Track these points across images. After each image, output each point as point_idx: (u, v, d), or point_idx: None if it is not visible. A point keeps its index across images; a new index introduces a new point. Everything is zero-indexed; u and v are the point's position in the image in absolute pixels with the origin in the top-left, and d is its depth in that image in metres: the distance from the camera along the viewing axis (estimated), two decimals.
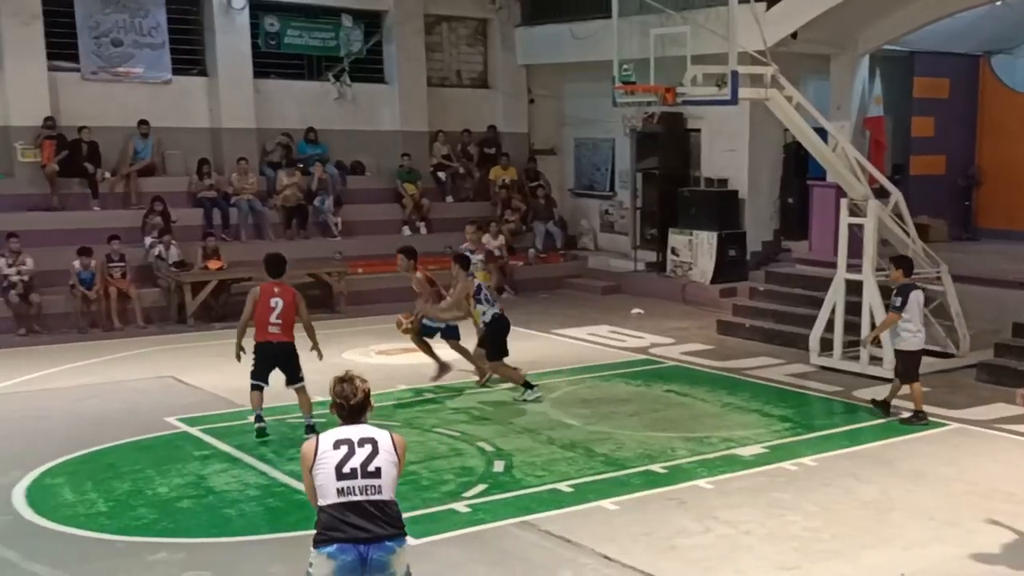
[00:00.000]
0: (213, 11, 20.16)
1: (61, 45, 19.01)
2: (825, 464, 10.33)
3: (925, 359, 12.77)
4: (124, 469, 10.03)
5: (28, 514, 8.89)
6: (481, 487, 9.64)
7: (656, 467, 10.24)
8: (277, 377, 10.94)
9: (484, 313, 12.70)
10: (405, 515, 8.24)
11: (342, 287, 18.50)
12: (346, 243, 19.90)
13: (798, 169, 19.73)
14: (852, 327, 14.05)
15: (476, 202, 22.37)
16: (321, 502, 5.54)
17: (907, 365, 12.06)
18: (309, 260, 18.87)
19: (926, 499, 9.37)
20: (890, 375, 12.80)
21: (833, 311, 14.15)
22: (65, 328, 16.16)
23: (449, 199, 22.30)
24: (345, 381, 5.75)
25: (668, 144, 21.05)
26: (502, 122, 23.66)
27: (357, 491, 5.52)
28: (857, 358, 13.83)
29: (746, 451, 10.71)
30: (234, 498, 9.29)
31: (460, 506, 9.14)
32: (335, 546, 5.47)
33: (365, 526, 5.48)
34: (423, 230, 21.17)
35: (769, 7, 16.93)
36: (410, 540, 5.94)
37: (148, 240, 17.69)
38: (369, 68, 22.41)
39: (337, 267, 18.83)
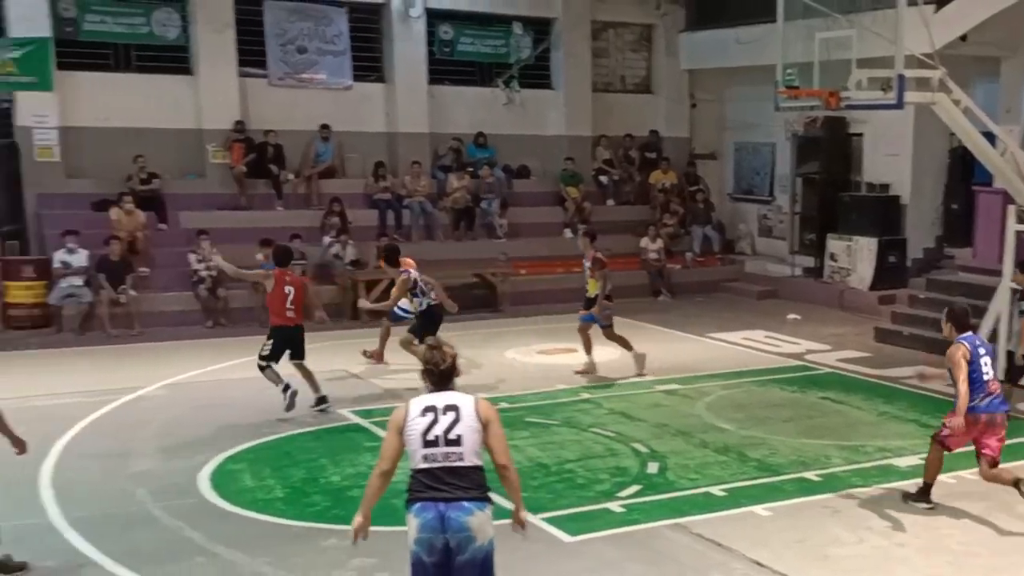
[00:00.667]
0: (392, 20, 20.64)
1: (251, 52, 19.69)
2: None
3: None
4: (300, 458, 10.31)
5: (212, 497, 9.22)
6: (635, 488, 9.63)
7: (810, 474, 10.04)
8: None
9: (421, 304, 13.01)
10: (561, 512, 8.94)
11: (506, 287, 18.71)
12: (511, 244, 20.05)
13: (963, 174, 19.04)
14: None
15: (636, 205, 22.35)
16: (411, 465, 5.71)
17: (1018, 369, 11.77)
18: (475, 260, 19.21)
19: None
20: None
21: (997, 321, 13.47)
22: (248, 321, 16.57)
23: (610, 202, 22.31)
24: (435, 348, 5.91)
25: (829, 148, 20.65)
26: (663, 127, 23.59)
27: (440, 457, 5.65)
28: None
29: (902, 462, 10.38)
30: (400, 489, 9.25)
31: (615, 505, 9.13)
32: (418, 504, 5.65)
33: (444, 488, 5.61)
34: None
35: (938, 9, 16.43)
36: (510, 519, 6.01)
37: (326, 239, 18.15)
38: (537, 74, 22.62)
39: (502, 268, 19.02)
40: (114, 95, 18.64)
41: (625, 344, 13.94)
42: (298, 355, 11.99)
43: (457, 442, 5.64)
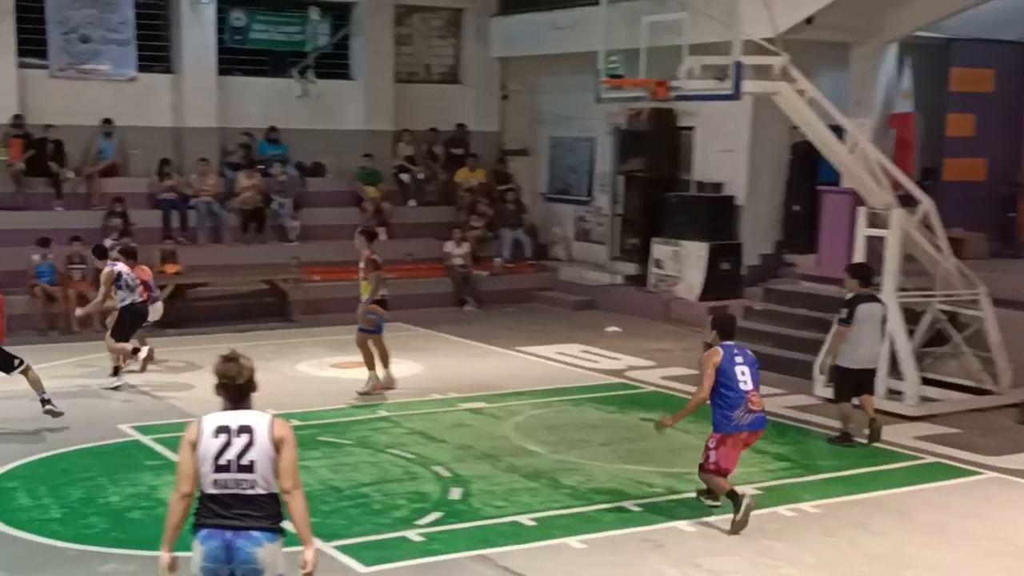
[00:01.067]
0: (181, 5, 20.78)
1: (31, 41, 19.81)
2: (828, 511, 9.81)
3: (955, 395, 12.69)
4: (78, 476, 10.48)
5: None
6: (436, 515, 9.59)
7: (630, 504, 9.91)
8: None
9: (123, 300, 13.61)
10: (354, 540, 8.84)
11: (298, 295, 18.90)
12: (303, 248, 20.26)
13: (807, 172, 18.58)
14: None
15: (440, 206, 22.50)
16: (201, 487, 5.70)
17: (838, 382, 12.01)
18: (265, 265, 19.49)
19: (946, 557, 8.79)
20: (912, 411, 12.53)
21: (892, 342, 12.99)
22: (25, 330, 16.66)
23: (412, 203, 22.49)
24: (230, 360, 5.78)
25: (655, 144, 20.28)
26: (472, 120, 23.65)
27: (231, 484, 5.64)
28: None
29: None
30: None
31: (413, 534, 9.09)
32: (205, 531, 5.67)
33: (233, 517, 5.63)
34: (383, 235, 20.75)
35: None
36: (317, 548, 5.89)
37: (108, 242, 17.97)
38: (334, 63, 22.83)
39: (293, 273, 19.18)
40: None
41: (371, 362, 13.76)
42: (7, 369, 12.00)
43: (250, 468, 5.63)
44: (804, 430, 12.73)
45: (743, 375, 9.32)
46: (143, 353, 13.90)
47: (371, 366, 13.88)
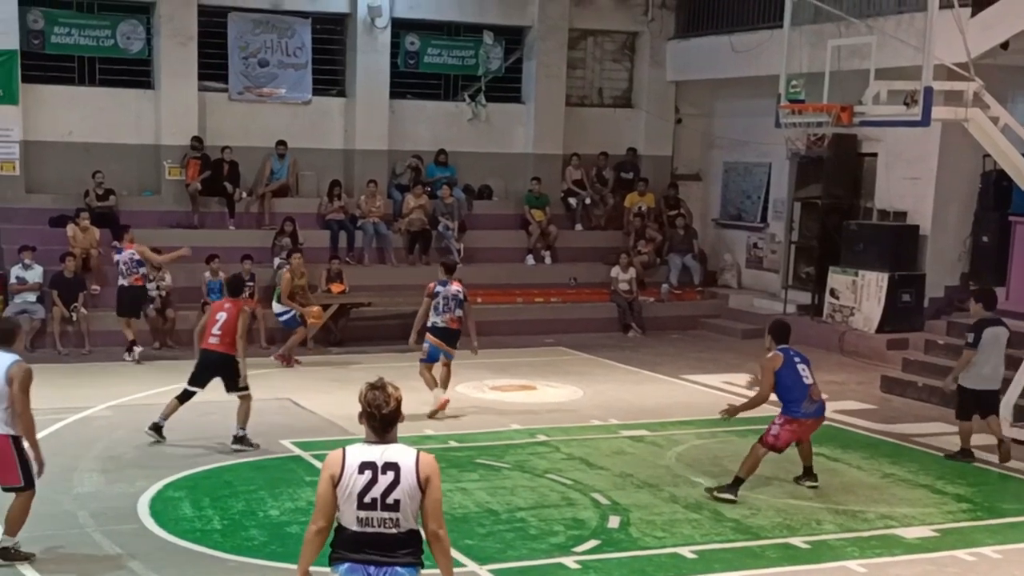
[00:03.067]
0: (356, 30, 21.27)
1: (212, 66, 20.66)
2: (1011, 557, 9.49)
3: None
4: (240, 488, 10.84)
5: (151, 524, 9.80)
6: (593, 543, 9.54)
7: (797, 540, 9.73)
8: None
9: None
10: (509, 564, 8.97)
11: None
12: (467, 270, 19.82)
13: (997, 202, 17.86)
14: None
15: (607, 231, 22.54)
16: (342, 520, 5.66)
17: (960, 401, 12.32)
18: None
19: None
20: None
21: None
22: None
23: (578, 227, 22.53)
24: (378, 388, 5.64)
25: (835, 170, 19.87)
26: (643, 144, 23.67)
27: (375, 522, 5.59)
28: None
29: (909, 532, 9.96)
30: None
31: (569, 561, 9.06)
32: (346, 565, 5.65)
33: (376, 553, 5.61)
34: (547, 259, 21.56)
35: (975, 13, 15.73)
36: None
37: (277, 261, 18.96)
38: (506, 87, 23.10)
39: None
40: (77, 109, 19.92)
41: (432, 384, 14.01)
42: (231, 386, 12.46)
43: (395, 507, 5.57)
44: (987, 471, 12.34)
45: (804, 371, 10.81)
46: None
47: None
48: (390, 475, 5.58)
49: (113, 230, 18.90)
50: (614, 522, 10.13)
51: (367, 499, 5.58)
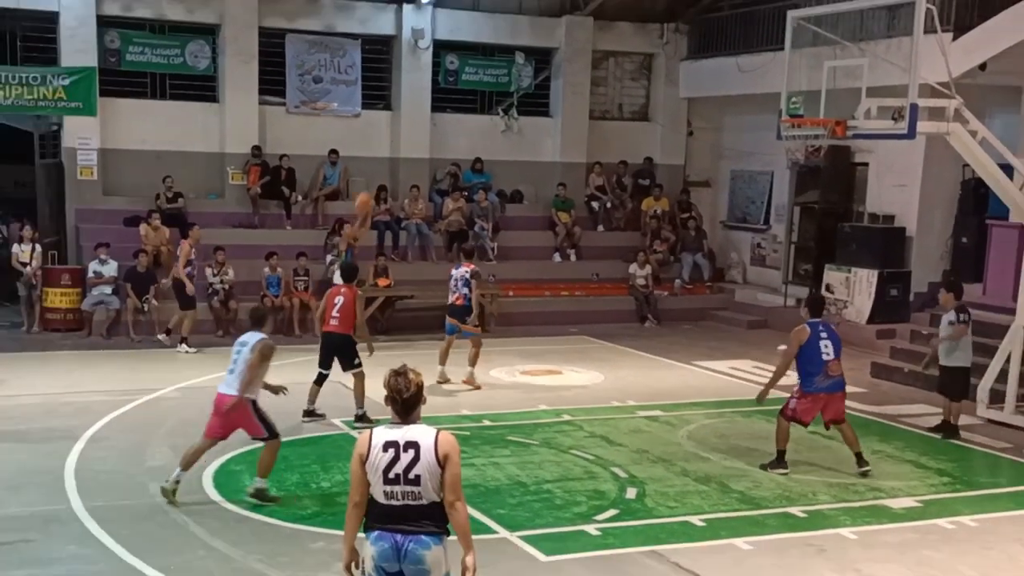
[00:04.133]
0: (402, 51, 21.36)
1: (271, 82, 20.73)
2: (987, 526, 9.48)
3: None
4: (295, 462, 10.78)
5: (214, 495, 9.85)
6: (612, 512, 9.60)
7: (795, 510, 9.75)
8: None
9: None
10: (537, 531, 9.00)
11: (493, 308, 19.07)
12: (500, 267, 20.52)
13: (976, 207, 18.02)
14: None
15: (626, 231, 22.59)
16: (372, 493, 5.65)
17: (964, 380, 12.52)
18: None
19: None
20: None
21: (1008, 361, 13.01)
22: None
23: (600, 228, 22.62)
24: (400, 374, 5.64)
25: (831, 178, 20.09)
26: (659, 154, 23.74)
27: (399, 495, 5.59)
28: None
29: (896, 503, 9.99)
30: None
31: (591, 528, 9.12)
32: (376, 533, 5.65)
33: (403, 522, 5.60)
34: (573, 257, 21.71)
35: (956, 37, 15.97)
36: (450, 539, 5.77)
37: (329, 258, 18.89)
38: (535, 102, 23.15)
39: (490, 289, 19.09)
40: (149, 121, 19.98)
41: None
42: (348, 365, 12.44)
43: (416, 482, 5.56)
44: (966, 448, 12.36)
45: (826, 347, 10.58)
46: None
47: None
48: (411, 453, 5.57)
49: (181, 229, 18.86)
50: (631, 493, 10.20)
51: (391, 475, 5.58)
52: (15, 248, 18.10)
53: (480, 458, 11.07)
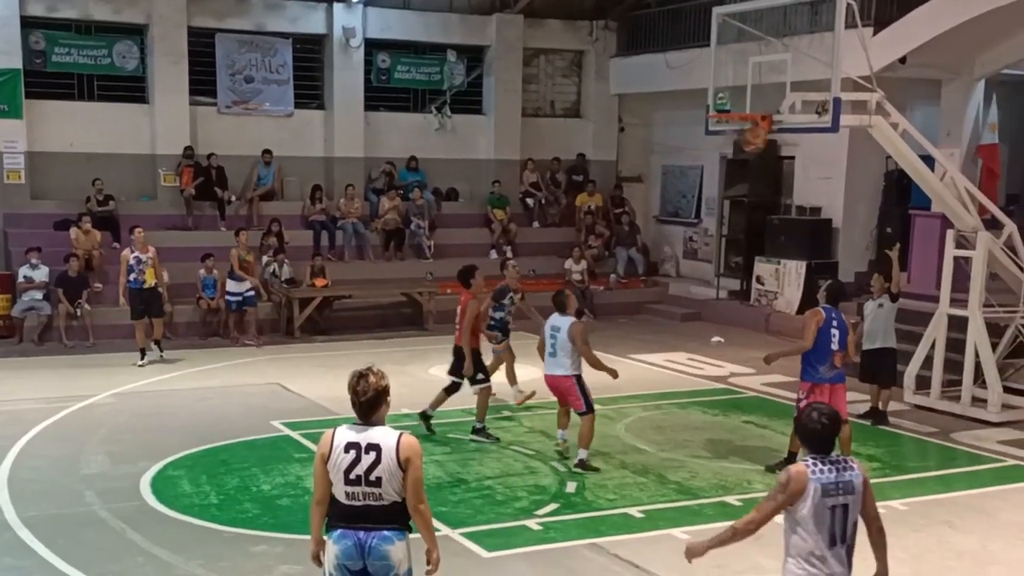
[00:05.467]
0: (333, 50, 21.17)
1: (201, 82, 20.41)
2: (917, 509, 9.63)
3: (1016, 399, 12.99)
4: (234, 466, 10.69)
5: (152, 501, 9.66)
6: (553, 506, 9.64)
7: (731, 499, 9.83)
8: None
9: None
10: (479, 528, 9.01)
11: (431, 306, 18.94)
12: (437, 265, 20.30)
13: (899, 198, 18.25)
14: (953, 365, 13.14)
15: (561, 227, 22.58)
16: (334, 492, 5.63)
17: (892, 363, 12.72)
18: (403, 280, 19.81)
19: None
20: (995, 417, 12.56)
21: (933, 347, 13.25)
22: (191, 335, 17.47)
23: (535, 224, 22.65)
24: (362, 376, 5.59)
25: (759, 172, 20.20)
26: (591, 150, 23.77)
27: (360, 496, 5.56)
28: (957, 398, 12.95)
29: None
30: None
31: (532, 523, 9.18)
32: (338, 532, 5.63)
33: (365, 520, 5.58)
34: (509, 253, 21.30)
35: (876, 31, 16.15)
36: (412, 537, 5.78)
37: (264, 258, 18.76)
38: (468, 100, 23.06)
39: (428, 287, 19.29)
40: (77, 123, 19.54)
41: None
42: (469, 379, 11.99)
43: (377, 483, 5.53)
44: (894, 433, 12.53)
45: (835, 337, 10.24)
46: None
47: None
48: (372, 455, 5.53)
49: (113, 232, 18.61)
50: (571, 487, 10.24)
51: (352, 476, 5.55)
52: None
53: None
